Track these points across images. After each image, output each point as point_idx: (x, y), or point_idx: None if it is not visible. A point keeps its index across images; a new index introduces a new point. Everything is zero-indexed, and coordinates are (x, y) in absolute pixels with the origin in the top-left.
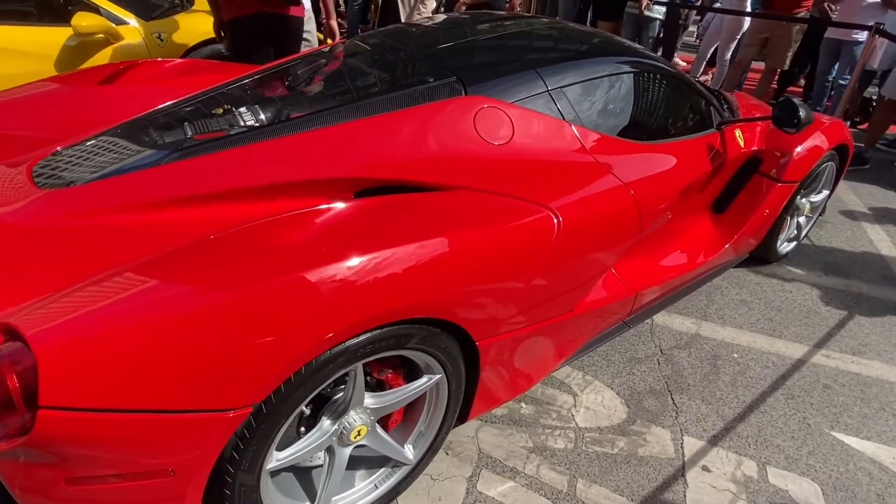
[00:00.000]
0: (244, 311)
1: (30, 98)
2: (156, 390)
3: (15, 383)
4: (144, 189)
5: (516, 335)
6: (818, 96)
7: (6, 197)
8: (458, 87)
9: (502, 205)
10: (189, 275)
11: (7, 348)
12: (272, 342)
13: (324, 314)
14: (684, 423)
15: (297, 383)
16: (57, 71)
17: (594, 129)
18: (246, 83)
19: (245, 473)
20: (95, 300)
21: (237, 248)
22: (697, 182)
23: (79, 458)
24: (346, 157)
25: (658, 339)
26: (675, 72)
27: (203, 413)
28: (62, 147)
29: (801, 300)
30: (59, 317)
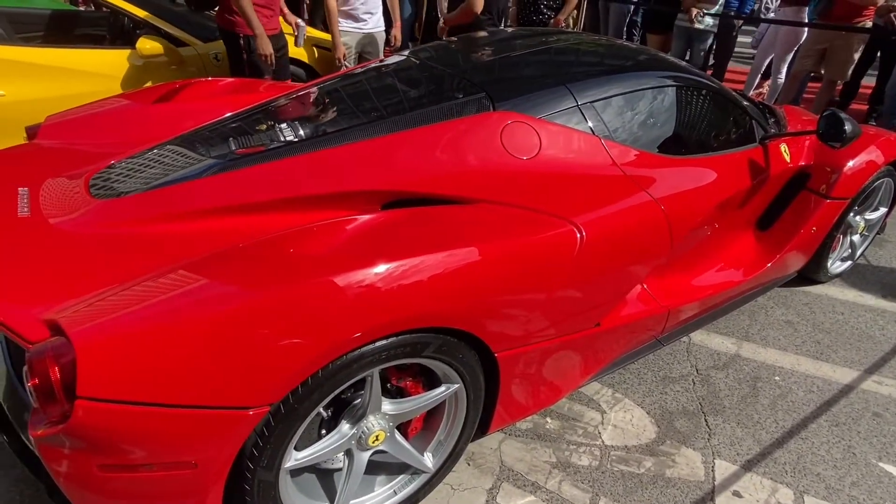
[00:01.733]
0: (264, 314)
1: (95, 115)
2: (182, 386)
3: (56, 375)
4: (187, 200)
5: (538, 348)
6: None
7: (65, 206)
8: (486, 102)
9: (524, 218)
10: (218, 280)
11: (51, 343)
12: (289, 345)
13: (340, 319)
14: (717, 445)
15: (313, 385)
16: (124, 89)
17: (625, 144)
18: (288, 100)
19: (264, 470)
20: (134, 301)
21: (263, 255)
22: (737, 197)
23: (110, 446)
24: (376, 171)
25: (695, 358)
26: (713, 85)
27: (224, 410)
28: (117, 161)
29: (853, 323)
30: (99, 316)
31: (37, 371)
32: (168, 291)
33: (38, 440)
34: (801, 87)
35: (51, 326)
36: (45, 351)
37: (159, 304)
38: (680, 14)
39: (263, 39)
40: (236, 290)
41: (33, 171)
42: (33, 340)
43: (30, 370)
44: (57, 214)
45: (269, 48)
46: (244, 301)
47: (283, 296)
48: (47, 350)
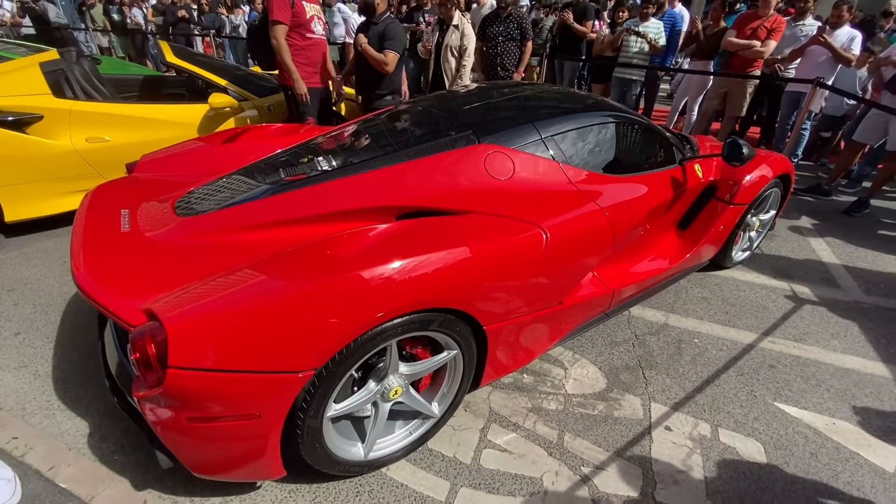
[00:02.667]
0: (310, 300)
1: (178, 154)
2: (248, 356)
3: (153, 351)
4: (250, 216)
5: (516, 322)
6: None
7: (156, 223)
8: (473, 138)
9: (504, 224)
10: (274, 276)
11: (148, 326)
12: (330, 323)
13: (368, 304)
14: (652, 392)
15: (347, 354)
16: (198, 133)
17: (578, 167)
18: (323, 139)
19: (311, 419)
20: (210, 293)
21: (308, 256)
22: (663, 205)
23: (195, 403)
24: (391, 191)
25: (634, 326)
26: (643, 121)
27: (281, 374)
28: (195, 187)
29: (752, 297)
30: (184, 304)
31: (137, 347)
32: (237, 285)
33: (140, 400)
34: (709, 122)
35: (147, 314)
36: (143, 332)
37: (230, 294)
38: (616, 68)
39: (299, 83)
40: (288, 283)
41: (132, 196)
42: (134, 324)
43: (132, 347)
44: (150, 229)
45: (304, 89)
46: (294, 290)
47: (324, 286)
48: (146, 331)
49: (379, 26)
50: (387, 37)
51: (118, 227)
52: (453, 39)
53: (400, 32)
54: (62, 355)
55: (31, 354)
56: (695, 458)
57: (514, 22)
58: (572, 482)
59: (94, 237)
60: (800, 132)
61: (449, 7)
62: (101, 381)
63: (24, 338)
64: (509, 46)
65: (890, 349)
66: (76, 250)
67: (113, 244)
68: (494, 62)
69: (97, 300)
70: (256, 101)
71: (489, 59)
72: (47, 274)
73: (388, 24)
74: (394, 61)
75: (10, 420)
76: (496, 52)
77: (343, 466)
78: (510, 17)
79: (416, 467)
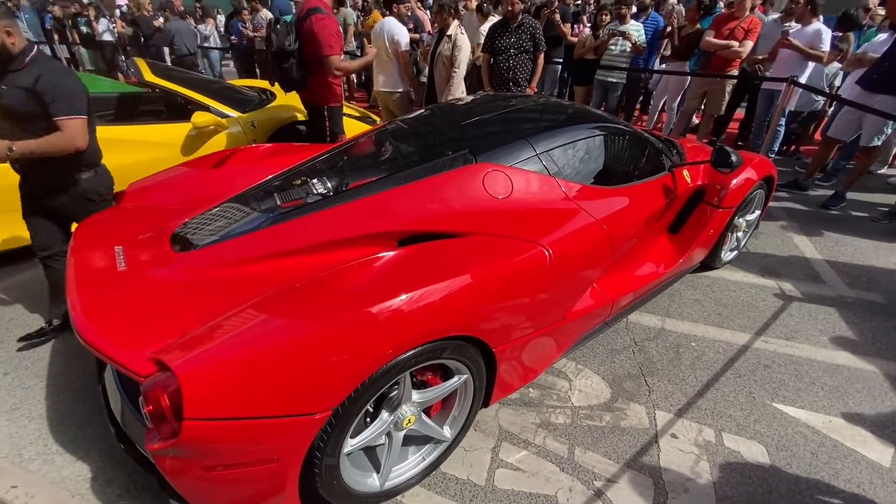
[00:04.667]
0: (324, 340)
1: (167, 181)
2: (264, 402)
3: (167, 402)
4: (250, 248)
5: (523, 341)
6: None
7: (153, 260)
8: (470, 157)
9: (506, 245)
10: (282, 315)
11: (160, 377)
12: (345, 362)
13: (381, 339)
14: (656, 399)
15: (362, 390)
16: (181, 154)
17: (573, 181)
18: (317, 161)
19: (328, 457)
20: (220, 336)
21: (318, 291)
22: (656, 213)
23: (212, 452)
24: (393, 216)
25: (632, 333)
26: (633, 130)
27: (298, 417)
28: (189, 219)
29: (742, 297)
30: (194, 350)
31: (151, 400)
32: (246, 325)
33: (153, 453)
34: (689, 121)
35: (156, 362)
36: (156, 384)
37: (241, 336)
38: (599, 70)
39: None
40: (300, 322)
41: (124, 230)
42: (144, 374)
43: (145, 400)
44: (148, 267)
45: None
46: (307, 331)
47: (336, 325)
48: (158, 383)
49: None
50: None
51: (114, 267)
52: (445, 49)
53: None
54: (56, 394)
55: (22, 395)
56: (702, 465)
57: (526, 32)
58: (586, 497)
59: (90, 280)
60: (776, 129)
61: (444, 16)
62: (99, 421)
63: (14, 378)
64: (522, 59)
65: (876, 343)
66: (72, 295)
67: (111, 286)
68: (506, 76)
69: (103, 351)
70: (240, 117)
71: (499, 73)
72: (30, 308)
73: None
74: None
75: (8, 468)
76: (508, 65)
77: (361, 499)
78: (522, 27)
79: (431, 492)
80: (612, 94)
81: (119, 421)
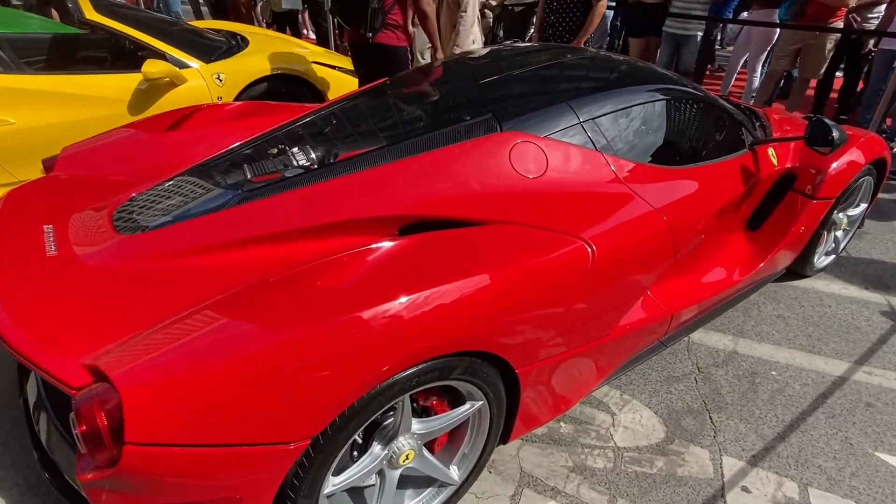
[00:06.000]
0: (303, 350)
1: (110, 145)
2: (225, 425)
3: (104, 422)
4: (211, 232)
5: (555, 361)
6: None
7: (92, 243)
8: (493, 123)
9: (537, 237)
10: (253, 316)
11: (96, 390)
12: (328, 378)
13: (374, 352)
14: (723, 442)
15: (350, 416)
16: (129, 113)
17: (626, 158)
18: (298, 125)
19: (304, 499)
20: (172, 342)
21: (296, 289)
22: (731, 202)
23: (158, 487)
24: (391, 196)
25: (695, 357)
26: (705, 95)
27: (267, 446)
28: (137, 193)
29: (840, 315)
30: (140, 358)
31: (84, 418)
32: (205, 330)
33: (86, 484)
34: (777, 85)
35: (92, 371)
36: (91, 398)
37: (198, 344)
38: (668, 20)
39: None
40: (272, 329)
41: (56, 205)
42: (76, 386)
43: (77, 417)
44: (84, 252)
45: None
46: (281, 338)
47: (318, 333)
48: (94, 397)
49: None
50: None
51: (42, 251)
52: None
53: None
54: None
55: None
56: None
57: None
58: None
59: (12, 266)
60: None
61: None
62: (19, 443)
63: None
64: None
65: None
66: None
67: (38, 275)
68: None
69: (25, 355)
70: (203, 68)
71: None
72: None
73: None
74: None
75: None
76: (550, 20)
77: None
78: None
79: None
80: (686, 51)
81: (44, 444)
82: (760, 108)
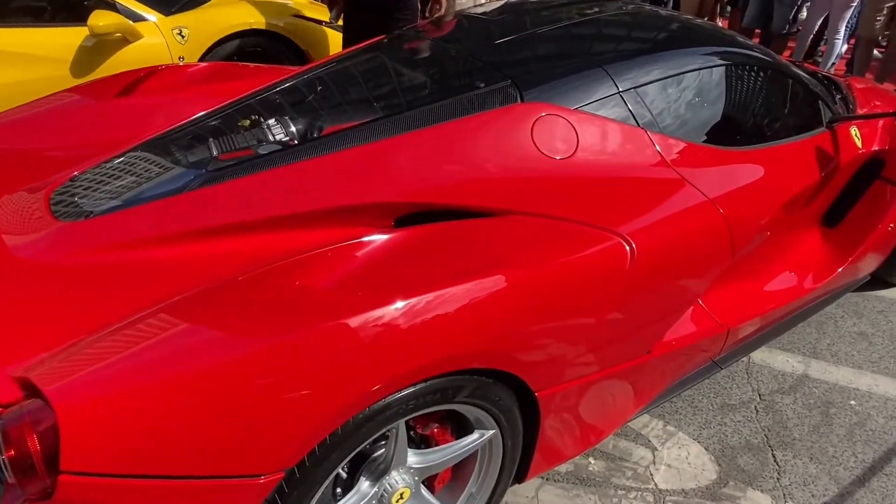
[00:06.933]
0: (274, 365)
1: (47, 113)
2: (181, 454)
3: (36, 445)
4: (166, 221)
5: (583, 383)
6: None
7: (23, 228)
8: (513, 92)
9: (564, 231)
10: (215, 324)
11: (27, 407)
12: (306, 399)
13: (362, 368)
14: (788, 486)
15: (332, 444)
16: (73, 74)
17: (674, 136)
18: (275, 91)
19: None
20: (116, 351)
21: (268, 291)
22: (804, 192)
23: None
24: (386, 179)
25: (756, 381)
26: (772, 60)
27: (231, 479)
28: (80, 171)
29: None
30: (79, 370)
31: (13, 441)
32: (158, 339)
33: None
34: (870, 54)
35: (23, 385)
36: (20, 416)
37: (149, 355)
38: None
39: None
40: (238, 339)
41: None
42: (4, 403)
43: (4, 440)
44: (15, 242)
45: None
46: (248, 351)
47: (294, 344)
48: (23, 415)
49: None
50: None
51: None
52: None
53: None
54: None
55: None
56: None
57: None
58: None
59: None
60: None
61: None
62: None
63: None
64: None
65: None
66: None
67: None
68: None
69: None
70: (162, 21)
71: None
72: None
73: None
74: None
75: None
76: None
77: None
78: None
79: None
80: (780, 11)
81: None
82: (842, 79)
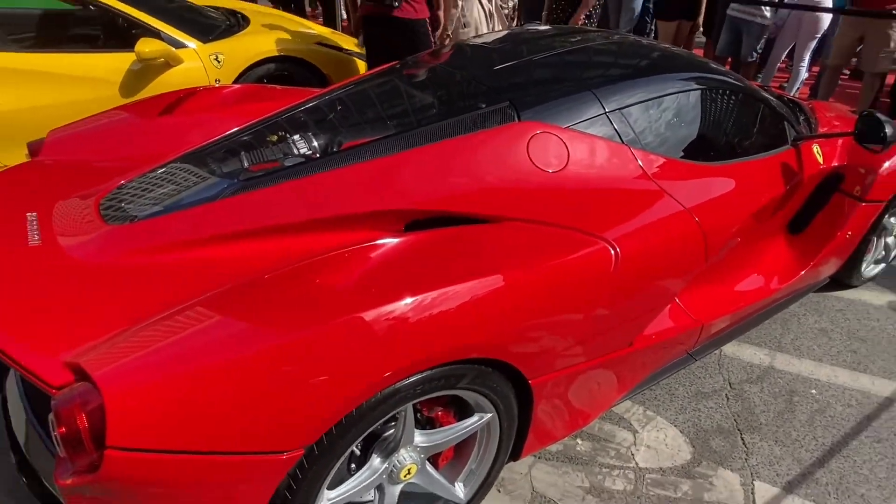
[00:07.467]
0: (298, 353)
1: (99, 129)
2: (214, 432)
3: (84, 423)
4: (204, 224)
5: (572, 372)
6: None
7: (77, 233)
8: (511, 112)
9: (556, 237)
10: (246, 316)
11: (77, 389)
12: (325, 384)
13: (375, 357)
14: (755, 465)
15: (348, 425)
16: (121, 94)
17: (655, 152)
18: (301, 110)
19: None
20: (160, 340)
21: (292, 288)
22: (771, 203)
23: (141, 495)
24: (398, 189)
25: (727, 371)
26: (744, 85)
27: (258, 455)
28: (126, 181)
29: (890, 330)
30: (125, 358)
31: (64, 419)
32: (195, 329)
33: (64, 490)
34: (836, 81)
35: (74, 370)
36: (72, 398)
37: (187, 344)
38: (733, 4)
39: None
40: (267, 329)
41: (40, 192)
42: (57, 385)
43: (56, 418)
44: (69, 243)
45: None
46: (276, 341)
47: (316, 335)
48: (74, 397)
49: None
50: None
51: (24, 240)
52: None
53: None
54: None
55: None
56: None
57: None
58: None
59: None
60: None
61: None
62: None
63: None
64: None
65: None
66: None
67: (19, 265)
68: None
69: (4, 351)
70: (200, 48)
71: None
72: None
73: None
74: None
75: None
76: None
77: None
78: None
79: None
80: (749, 40)
81: (22, 446)
82: (805, 101)
